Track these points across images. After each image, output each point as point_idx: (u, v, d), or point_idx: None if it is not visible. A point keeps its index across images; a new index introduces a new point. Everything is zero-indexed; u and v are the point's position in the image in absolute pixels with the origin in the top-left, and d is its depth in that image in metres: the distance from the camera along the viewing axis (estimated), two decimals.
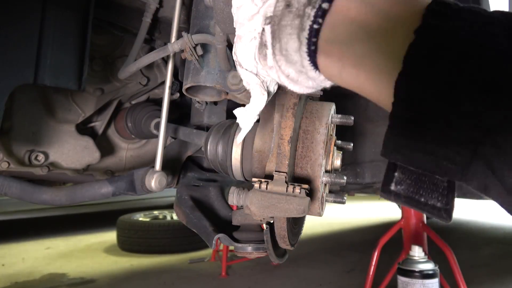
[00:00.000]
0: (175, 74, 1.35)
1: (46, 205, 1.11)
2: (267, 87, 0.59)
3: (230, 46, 0.86)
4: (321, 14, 0.43)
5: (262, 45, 0.52)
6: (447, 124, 0.36)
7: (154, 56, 1.02)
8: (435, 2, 0.40)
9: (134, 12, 1.27)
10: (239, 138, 0.69)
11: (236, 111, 0.65)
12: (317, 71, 0.47)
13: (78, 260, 4.51)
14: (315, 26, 0.43)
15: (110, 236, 5.42)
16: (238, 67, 0.58)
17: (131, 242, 4.75)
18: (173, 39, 1.03)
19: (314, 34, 0.44)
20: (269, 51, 0.50)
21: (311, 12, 0.43)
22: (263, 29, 0.50)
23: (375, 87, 0.42)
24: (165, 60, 1.47)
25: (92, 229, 6.14)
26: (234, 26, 0.57)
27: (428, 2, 0.41)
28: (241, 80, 0.93)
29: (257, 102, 0.60)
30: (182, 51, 0.95)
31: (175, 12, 1.03)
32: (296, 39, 0.45)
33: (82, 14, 1.13)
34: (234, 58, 0.58)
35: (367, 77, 0.42)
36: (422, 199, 0.45)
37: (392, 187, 0.46)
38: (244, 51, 0.55)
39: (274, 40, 0.48)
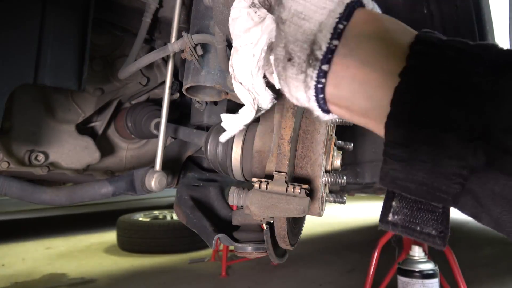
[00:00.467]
0: (175, 74, 1.35)
1: (46, 205, 1.11)
2: (258, 104, 0.61)
3: (230, 46, 0.86)
4: (323, 75, 0.45)
5: (265, 66, 0.55)
6: (435, 163, 0.39)
7: (154, 56, 1.02)
8: (419, 41, 0.42)
9: (134, 12, 1.27)
10: (222, 138, 0.70)
11: (223, 116, 0.66)
12: (328, 114, 0.50)
13: (78, 260, 4.51)
14: (320, 86, 0.46)
15: (110, 236, 5.42)
16: (232, 80, 0.59)
17: (131, 242, 4.74)
18: (173, 39, 1.03)
19: (320, 91, 0.46)
20: (276, 83, 0.53)
21: (313, 73, 0.45)
22: (266, 53, 0.54)
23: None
24: (165, 60, 1.47)
25: (92, 229, 6.14)
26: (231, 36, 0.58)
27: (412, 40, 0.43)
28: None
29: (245, 115, 0.62)
30: (182, 51, 0.95)
31: (175, 12, 1.03)
32: (304, 93, 0.48)
33: (82, 14, 1.13)
34: (230, 69, 0.59)
35: (374, 125, 0.45)
36: (418, 228, 0.48)
37: (390, 217, 0.49)
38: (241, 65, 0.56)
39: (282, 81, 0.50)
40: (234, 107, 1.28)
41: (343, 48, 0.45)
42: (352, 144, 0.86)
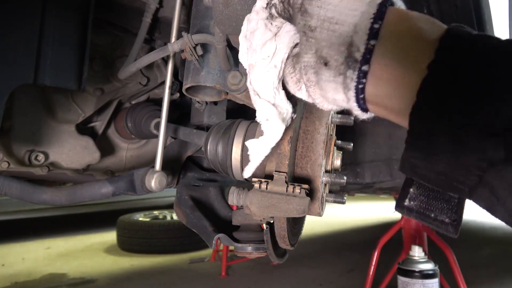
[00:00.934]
0: (175, 74, 1.35)
1: (46, 205, 1.11)
2: (285, 118, 0.60)
3: (230, 46, 0.86)
4: (363, 75, 0.46)
5: (290, 74, 0.54)
6: (456, 155, 0.40)
7: (154, 56, 1.02)
8: (449, 36, 0.43)
9: (134, 12, 1.27)
10: (246, 173, 0.69)
11: (248, 143, 0.64)
12: (367, 113, 0.51)
13: (78, 260, 4.51)
14: (360, 86, 0.47)
15: (110, 236, 5.42)
16: (255, 97, 0.58)
17: (131, 242, 4.75)
18: (173, 39, 1.03)
19: (360, 92, 0.47)
20: (302, 91, 0.54)
21: (353, 75, 0.46)
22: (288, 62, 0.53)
23: None
24: (165, 60, 1.47)
25: (92, 229, 6.15)
26: (245, 52, 0.57)
27: (442, 34, 0.43)
28: (241, 80, 0.93)
29: (274, 133, 0.61)
30: (182, 51, 0.95)
31: (175, 12, 1.03)
32: (343, 94, 0.48)
33: (82, 14, 1.13)
34: (250, 87, 0.58)
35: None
36: (432, 215, 0.49)
37: (406, 203, 0.51)
38: (261, 80, 0.56)
39: (312, 87, 0.51)
40: (234, 107, 1.28)
41: (380, 47, 0.45)
42: (352, 144, 0.86)
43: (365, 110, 0.50)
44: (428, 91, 0.42)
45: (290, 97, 0.59)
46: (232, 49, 0.95)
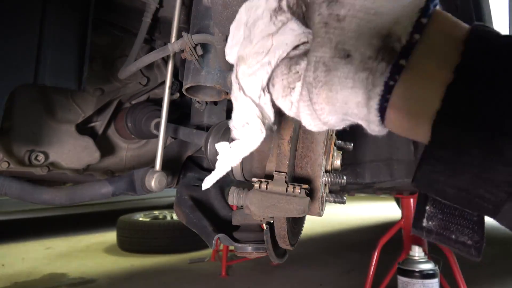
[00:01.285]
0: (175, 74, 1.35)
1: (46, 205, 1.11)
2: (268, 124, 0.52)
3: None
4: (398, 70, 0.40)
5: (283, 75, 0.48)
6: (485, 168, 0.37)
7: (154, 56, 1.02)
8: (475, 38, 0.40)
9: (134, 12, 1.27)
10: (205, 184, 0.61)
11: (219, 147, 0.56)
12: (382, 124, 0.44)
13: (78, 260, 4.51)
14: (391, 83, 0.41)
15: (110, 236, 5.42)
16: (238, 94, 0.51)
17: (131, 242, 4.74)
18: (173, 39, 1.03)
19: (388, 91, 0.41)
20: (304, 98, 0.47)
21: (386, 68, 0.41)
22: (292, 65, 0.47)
23: None
24: (165, 60, 1.47)
25: (92, 229, 6.14)
26: (237, 42, 0.51)
27: (467, 36, 0.40)
28: None
29: (251, 140, 0.53)
30: (182, 51, 0.95)
31: (175, 12, 1.03)
32: (362, 94, 0.42)
33: (82, 14, 1.13)
34: (234, 82, 0.52)
35: None
36: (453, 236, 0.45)
37: (424, 223, 0.47)
38: (250, 76, 0.49)
39: (318, 88, 0.45)
40: None
41: (423, 45, 0.41)
42: (352, 144, 0.86)
43: (382, 118, 0.43)
44: (456, 97, 0.38)
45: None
46: None
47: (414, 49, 0.40)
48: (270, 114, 0.52)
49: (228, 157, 0.55)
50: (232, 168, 0.83)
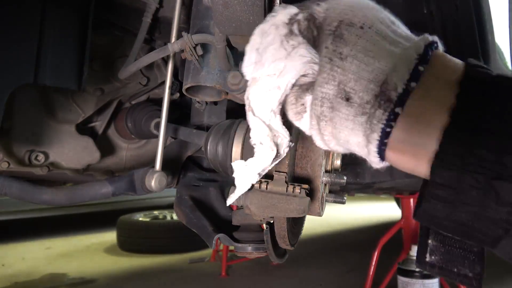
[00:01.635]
0: (175, 74, 1.35)
1: (46, 205, 1.11)
2: (278, 145, 0.55)
3: (229, 46, 0.86)
4: (394, 118, 0.42)
5: (291, 103, 0.50)
6: (483, 208, 0.38)
7: (154, 56, 1.02)
8: (468, 78, 0.41)
9: (134, 12, 1.27)
10: (229, 201, 0.64)
11: (235, 164, 0.59)
12: (383, 162, 0.47)
13: (78, 260, 4.51)
14: (387, 130, 0.43)
15: (110, 236, 5.42)
16: (248, 113, 0.53)
17: (131, 242, 4.74)
18: (173, 39, 1.03)
19: (385, 136, 0.43)
20: (314, 129, 0.49)
21: (382, 116, 0.42)
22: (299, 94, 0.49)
23: None
24: (165, 60, 1.47)
25: (92, 229, 6.14)
26: (251, 64, 0.52)
27: (461, 77, 0.41)
28: (241, 80, 0.93)
29: (263, 158, 0.55)
30: (182, 51, 0.95)
31: (175, 12, 1.03)
32: (362, 136, 0.44)
33: (82, 14, 1.13)
34: (246, 102, 0.53)
35: None
36: (455, 269, 0.47)
37: (427, 258, 0.49)
38: (260, 98, 0.51)
39: (323, 122, 0.46)
40: (234, 107, 1.28)
41: (420, 90, 0.42)
42: None
43: (382, 157, 0.45)
44: (452, 140, 0.39)
45: (288, 124, 0.54)
46: (232, 49, 0.95)
47: (411, 97, 0.42)
48: (284, 134, 0.54)
49: (245, 175, 0.59)
50: (232, 168, 0.83)
